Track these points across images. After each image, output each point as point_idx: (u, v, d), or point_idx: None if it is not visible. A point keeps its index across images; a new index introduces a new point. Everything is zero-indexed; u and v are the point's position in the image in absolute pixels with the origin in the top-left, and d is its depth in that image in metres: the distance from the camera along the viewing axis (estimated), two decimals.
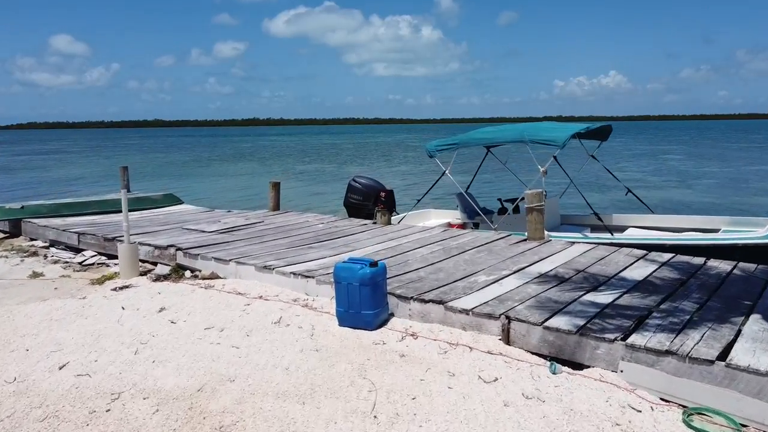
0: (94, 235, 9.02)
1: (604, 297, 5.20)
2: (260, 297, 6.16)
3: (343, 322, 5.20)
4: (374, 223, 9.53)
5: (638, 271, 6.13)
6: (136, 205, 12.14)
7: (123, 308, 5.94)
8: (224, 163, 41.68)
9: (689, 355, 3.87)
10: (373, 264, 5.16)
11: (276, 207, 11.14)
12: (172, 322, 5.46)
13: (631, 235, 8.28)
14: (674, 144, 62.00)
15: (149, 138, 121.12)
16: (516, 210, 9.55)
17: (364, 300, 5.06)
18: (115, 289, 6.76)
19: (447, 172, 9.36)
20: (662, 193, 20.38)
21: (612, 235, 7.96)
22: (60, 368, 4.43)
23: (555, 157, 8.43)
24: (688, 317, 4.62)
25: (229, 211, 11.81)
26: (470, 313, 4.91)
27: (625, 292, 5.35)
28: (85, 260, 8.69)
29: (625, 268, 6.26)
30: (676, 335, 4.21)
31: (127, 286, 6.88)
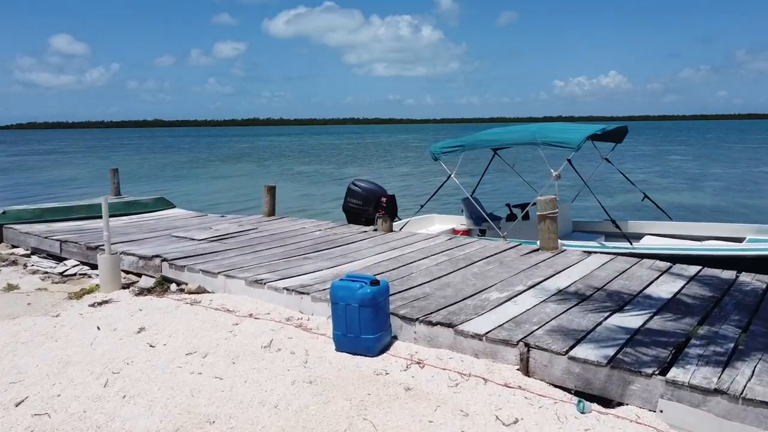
0: (76, 243, 8.47)
1: (632, 319, 4.65)
2: (250, 315, 5.62)
3: (340, 346, 4.65)
4: (375, 230, 8.98)
5: (665, 288, 5.58)
6: (125, 209, 11.62)
7: (98, 328, 5.39)
8: (222, 164, 41.13)
9: (742, 395, 3.33)
10: (374, 282, 4.61)
11: (271, 212, 10.59)
12: (150, 346, 4.91)
13: (650, 244, 7.73)
14: (676, 144, 61.45)
15: (148, 138, 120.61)
16: (525, 216, 9.01)
17: (364, 323, 4.51)
18: (93, 305, 6.21)
19: (452, 175, 8.80)
20: (672, 196, 19.81)
21: (631, 244, 7.41)
22: (17, 405, 3.87)
23: (569, 160, 7.89)
24: (732, 345, 4.07)
25: (222, 216, 11.26)
26: (484, 338, 4.36)
27: (654, 314, 4.80)
28: (67, 270, 8.14)
29: (650, 284, 5.71)
30: (723, 369, 3.66)
31: (106, 302, 6.33)
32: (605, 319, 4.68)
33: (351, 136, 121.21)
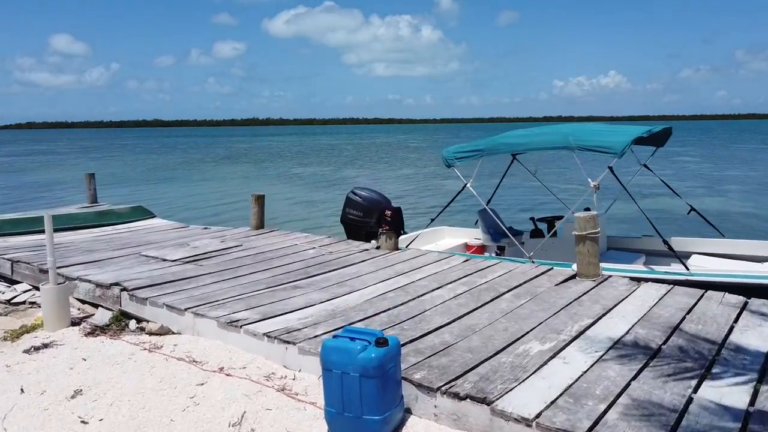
0: (29, 263, 7.25)
1: (732, 391, 3.42)
2: (220, 369, 4.40)
3: (334, 427, 3.43)
4: (377, 247, 7.76)
5: (753, 335, 4.35)
6: (97, 220, 10.39)
7: (22, 391, 4.17)
8: (216, 166, 39.84)
9: None
10: (381, 342, 3.38)
11: (259, 225, 9.35)
12: (82, 422, 3.68)
13: (705, 267, 6.50)
14: (682, 145, 60.10)
15: (146, 138, 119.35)
16: (551, 229, 7.80)
17: (368, 399, 3.29)
18: (29, 351, 4.99)
19: (468, 185, 7.57)
20: (696, 204, 18.51)
21: (687, 269, 6.16)
22: None
23: (611, 168, 6.66)
24: None
25: (205, 228, 10.03)
26: (534, 424, 3.13)
27: (758, 379, 3.57)
28: (16, 297, 6.92)
29: (732, 329, 4.48)
30: None
31: (47, 345, 5.11)
32: (695, 390, 3.45)
33: (350, 136, 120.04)
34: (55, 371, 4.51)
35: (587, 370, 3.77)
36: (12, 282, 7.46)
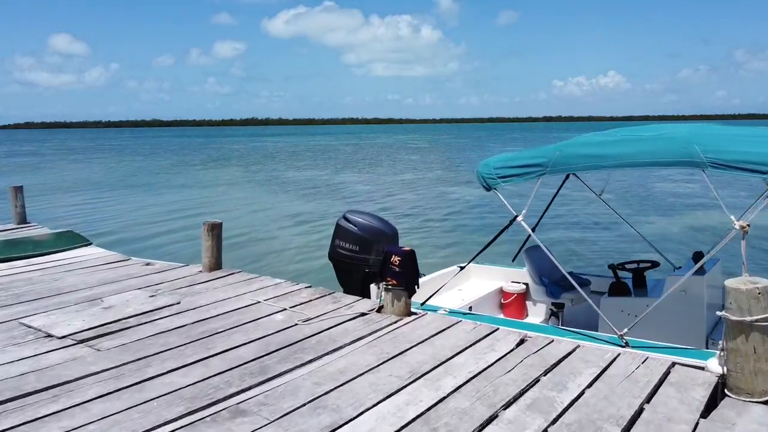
0: None
1: None
2: None
3: None
4: (380, 307, 5.18)
5: None
6: (5, 252, 7.79)
7: None
8: (204, 169, 37.12)
9: None
10: None
11: (214, 265, 6.76)
12: None
13: None
14: None
15: (141, 138, 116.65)
16: (639, 284, 5.26)
17: None
18: None
19: (520, 218, 4.96)
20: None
21: None
22: None
23: None
24: None
25: (147, 264, 7.44)
26: None
27: None
28: None
29: None
30: None
31: None
32: None
33: (349, 136, 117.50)
34: None
35: None
36: None
